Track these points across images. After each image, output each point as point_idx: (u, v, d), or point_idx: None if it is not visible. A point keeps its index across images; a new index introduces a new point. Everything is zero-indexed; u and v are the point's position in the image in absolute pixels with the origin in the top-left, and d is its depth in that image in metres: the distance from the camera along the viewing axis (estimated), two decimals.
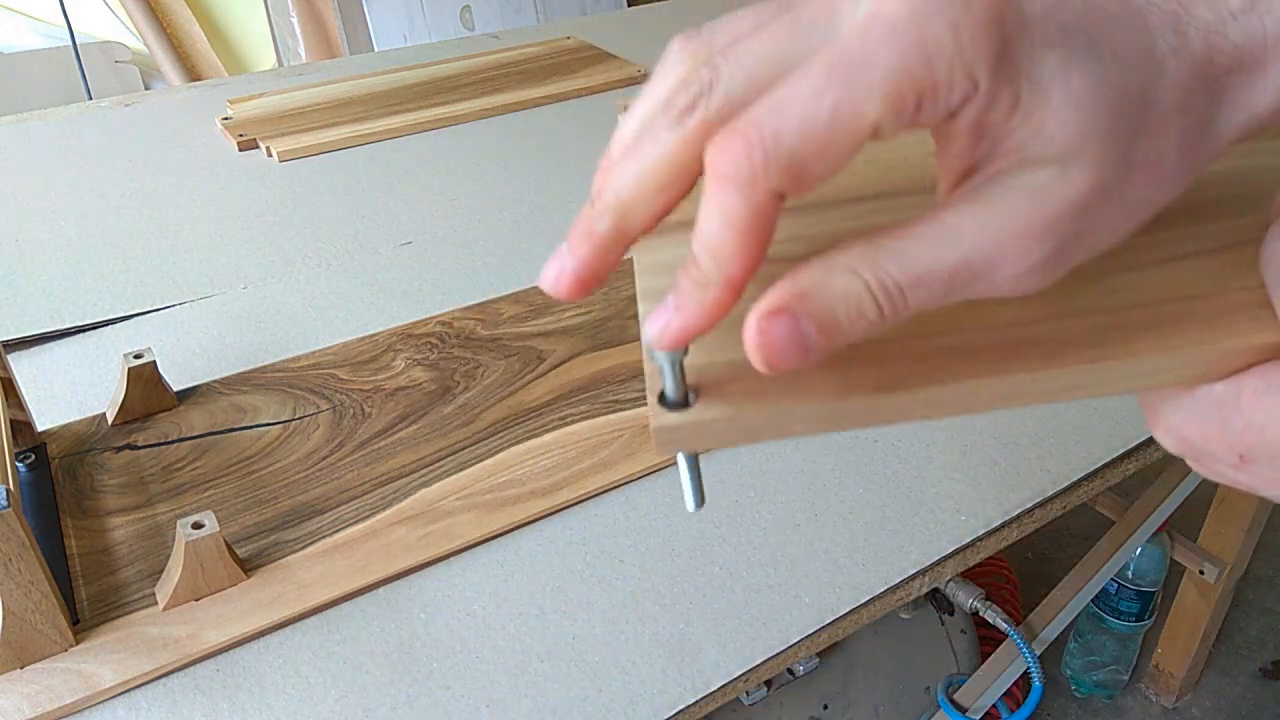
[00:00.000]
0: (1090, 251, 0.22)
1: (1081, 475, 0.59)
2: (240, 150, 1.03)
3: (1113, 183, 0.21)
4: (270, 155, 1.01)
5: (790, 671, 0.95)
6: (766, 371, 0.22)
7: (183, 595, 0.48)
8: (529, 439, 0.59)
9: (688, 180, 0.23)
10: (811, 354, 0.21)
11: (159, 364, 0.60)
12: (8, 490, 0.41)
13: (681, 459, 0.28)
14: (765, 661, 0.48)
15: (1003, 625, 0.89)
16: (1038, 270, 0.22)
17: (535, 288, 0.76)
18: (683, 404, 0.25)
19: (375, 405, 0.62)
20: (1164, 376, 0.24)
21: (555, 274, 0.24)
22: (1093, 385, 0.24)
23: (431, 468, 0.57)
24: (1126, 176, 0.21)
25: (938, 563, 0.53)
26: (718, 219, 0.21)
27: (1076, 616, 1.13)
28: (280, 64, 2.25)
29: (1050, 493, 0.58)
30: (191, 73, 2.20)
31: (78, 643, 0.46)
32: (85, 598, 0.49)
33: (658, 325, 0.23)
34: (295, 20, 2.17)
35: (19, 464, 0.57)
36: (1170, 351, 0.24)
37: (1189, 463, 0.27)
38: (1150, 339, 0.24)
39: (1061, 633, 0.94)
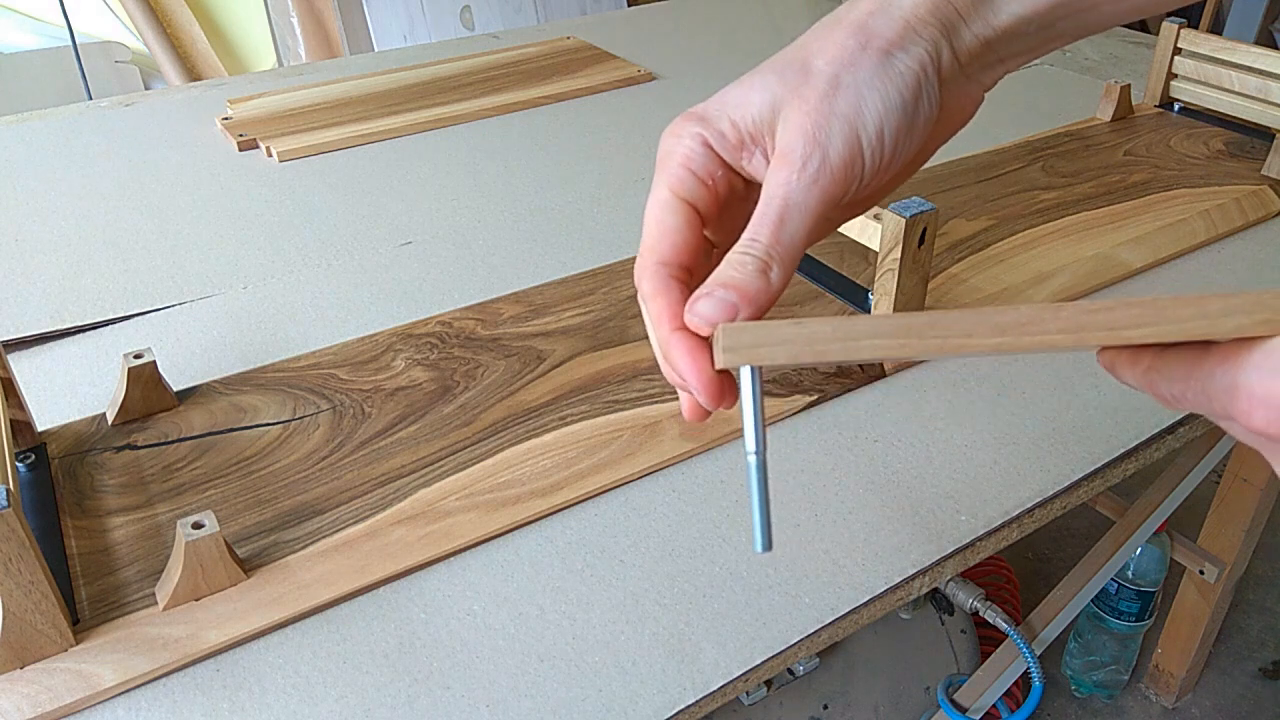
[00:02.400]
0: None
1: (1081, 475, 0.59)
2: (240, 150, 1.03)
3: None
4: (270, 155, 1.01)
5: (790, 671, 0.95)
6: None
7: (183, 595, 0.48)
8: (529, 439, 0.59)
9: None
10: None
11: (159, 364, 0.60)
12: (8, 490, 0.41)
13: (754, 494, 0.29)
14: (765, 661, 0.48)
15: (1003, 625, 0.89)
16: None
17: (535, 288, 0.76)
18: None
19: (375, 405, 0.62)
20: (1229, 320, 0.24)
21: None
22: (1157, 321, 0.25)
23: (431, 468, 0.57)
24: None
25: (938, 563, 0.53)
26: None
27: (1076, 616, 1.13)
28: (280, 64, 2.25)
29: (1050, 493, 0.58)
30: (191, 73, 2.20)
31: (78, 643, 0.46)
32: (85, 598, 0.49)
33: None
34: (295, 20, 2.17)
35: (19, 464, 0.57)
36: (1231, 295, 0.24)
37: (1270, 451, 0.26)
38: (1214, 295, 0.25)
39: (1061, 633, 0.94)
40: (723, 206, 0.35)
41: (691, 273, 0.33)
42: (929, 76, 0.32)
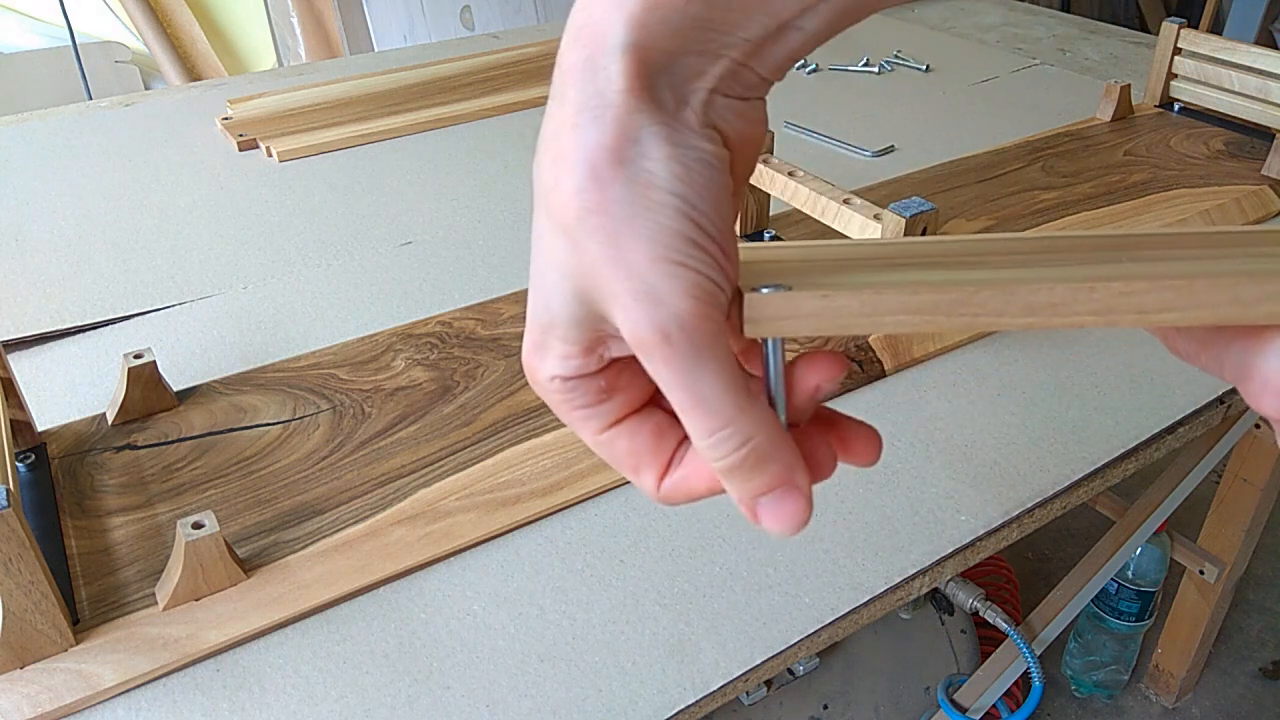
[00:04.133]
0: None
1: (1081, 475, 0.59)
2: (240, 150, 1.03)
3: None
4: (270, 155, 1.01)
5: (790, 671, 0.95)
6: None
7: (183, 595, 0.48)
8: (529, 439, 0.59)
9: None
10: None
11: (159, 364, 0.60)
12: (8, 490, 0.41)
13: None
14: (765, 661, 0.48)
15: (1003, 625, 0.89)
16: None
17: None
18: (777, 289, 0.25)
19: (375, 405, 0.62)
20: (1262, 308, 0.24)
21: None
22: (1189, 306, 0.25)
23: (431, 468, 0.57)
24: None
25: (938, 563, 0.53)
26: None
27: (1076, 616, 1.13)
28: (280, 64, 2.25)
29: (1050, 493, 0.58)
30: (191, 73, 2.20)
31: (78, 643, 0.46)
32: (85, 598, 0.49)
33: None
34: (295, 20, 2.17)
35: (19, 464, 0.57)
36: (1267, 280, 0.24)
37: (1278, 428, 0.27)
38: (1249, 278, 0.25)
39: (1061, 633, 0.94)
40: (651, 388, 0.28)
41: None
42: (715, 157, 0.25)
